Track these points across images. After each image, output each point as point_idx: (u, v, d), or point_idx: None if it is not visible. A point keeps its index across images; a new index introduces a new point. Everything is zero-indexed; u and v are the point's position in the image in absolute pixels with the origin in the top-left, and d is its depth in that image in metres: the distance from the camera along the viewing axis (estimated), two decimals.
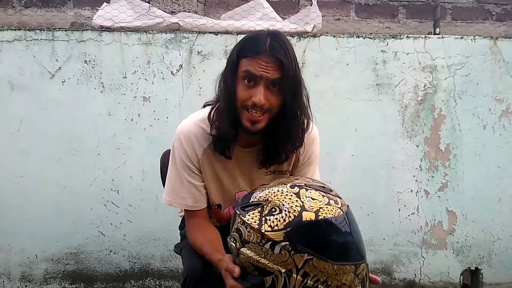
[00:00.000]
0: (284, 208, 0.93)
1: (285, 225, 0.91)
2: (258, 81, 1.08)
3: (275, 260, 0.91)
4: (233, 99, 1.11)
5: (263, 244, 0.92)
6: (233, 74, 1.12)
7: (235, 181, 1.27)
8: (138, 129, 2.15)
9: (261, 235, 0.92)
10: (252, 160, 1.24)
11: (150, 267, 2.21)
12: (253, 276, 0.95)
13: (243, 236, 0.96)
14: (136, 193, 2.17)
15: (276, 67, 1.07)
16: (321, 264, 0.90)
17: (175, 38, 2.15)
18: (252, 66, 1.07)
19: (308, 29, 2.22)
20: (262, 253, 0.92)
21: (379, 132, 2.24)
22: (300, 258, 0.90)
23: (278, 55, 1.06)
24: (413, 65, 2.24)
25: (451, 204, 2.28)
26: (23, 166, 2.13)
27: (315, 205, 0.93)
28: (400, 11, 2.51)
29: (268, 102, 1.09)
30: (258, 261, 0.93)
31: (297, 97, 1.13)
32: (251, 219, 0.95)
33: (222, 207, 1.34)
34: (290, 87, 1.09)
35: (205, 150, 1.22)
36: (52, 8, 2.37)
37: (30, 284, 2.18)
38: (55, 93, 2.12)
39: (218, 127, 1.16)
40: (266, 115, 1.11)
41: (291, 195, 0.95)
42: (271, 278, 0.92)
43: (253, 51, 1.08)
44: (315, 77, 2.20)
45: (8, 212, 2.14)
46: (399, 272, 2.29)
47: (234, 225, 1.01)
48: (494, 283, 2.30)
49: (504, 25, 2.54)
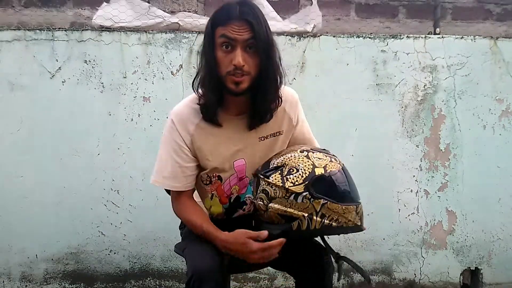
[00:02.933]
0: (300, 168, 1.19)
1: (303, 179, 1.17)
2: (235, 44, 1.19)
3: (298, 208, 1.17)
4: (214, 66, 1.22)
5: (288, 197, 1.18)
6: (211, 44, 1.23)
7: (231, 150, 1.34)
8: (138, 129, 2.15)
9: (286, 190, 1.18)
10: (243, 127, 1.33)
11: (150, 267, 2.21)
12: (280, 224, 1.20)
13: (269, 194, 1.20)
14: (136, 193, 2.17)
15: (248, 28, 1.18)
16: (333, 206, 1.17)
17: (175, 38, 2.15)
18: (226, 31, 1.19)
19: (308, 29, 2.22)
20: (288, 204, 1.18)
21: (379, 132, 2.25)
22: (317, 203, 1.16)
23: (248, 18, 1.18)
24: (413, 65, 2.24)
25: (451, 204, 2.28)
26: (23, 166, 2.13)
27: (322, 163, 1.20)
28: (400, 11, 2.51)
29: (247, 63, 1.20)
30: (285, 211, 1.18)
31: (271, 57, 1.24)
32: (275, 179, 1.20)
33: (222, 179, 1.37)
34: (263, 48, 1.20)
35: (197, 125, 1.31)
36: (52, 8, 2.37)
37: (30, 284, 2.18)
38: (55, 93, 2.12)
39: (203, 94, 1.27)
40: (247, 76, 1.22)
41: (303, 158, 1.21)
42: (297, 223, 1.18)
43: (225, 18, 1.20)
44: (315, 77, 2.20)
45: (8, 212, 2.14)
46: (399, 272, 2.29)
47: (259, 188, 1.23)
48: (494, 283, 2.31)
49: (504, 25, 2.54)
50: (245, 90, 1.24)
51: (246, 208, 1.43)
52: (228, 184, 1.38)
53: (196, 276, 1.19)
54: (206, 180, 1.39)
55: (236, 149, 1.34)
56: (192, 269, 1.21)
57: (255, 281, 2.24)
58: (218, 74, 1.22)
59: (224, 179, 1.38)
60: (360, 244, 2.26)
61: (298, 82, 2.19)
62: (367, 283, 2.26)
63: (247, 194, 1.41)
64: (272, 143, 1.37)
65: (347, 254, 2.25)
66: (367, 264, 2.28)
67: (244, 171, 1.37)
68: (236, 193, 1.40)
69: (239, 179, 1.39)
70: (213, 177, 1.37)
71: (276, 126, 1.36)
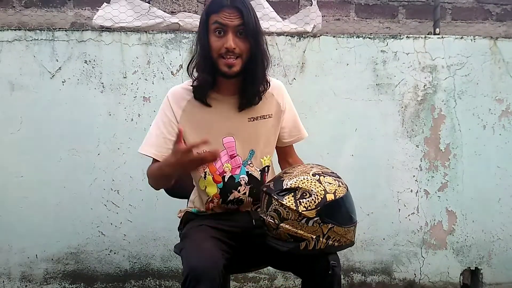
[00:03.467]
0: (313, 193, 1.26)
1: (315, 205, 1.25)
2: (226, 29, 1.31)
3: (308, 230, 1.25)
4: (208, 50, 1.32)
5: (299, 220, 1.25)
6: (205, 30, 1.33)
7: (221, 127, 1.41)
8: (138, 129, 2.15)
9: (298, 214, 1.25)
10: (234, 107, 1.41)
11: (150, 267, 2.21)
12: (288, 242, 1.27)
13: (282, 215, 1.27)
14: (136, 193, 2.17)
15: (238, 15, 1.30)
16: (338, 229, 1.27)
17: (175, 38, 2.15)
18: (219, 17, 1.30)
19: (308, 29, 2.22)
20: (299, 226, 1.25)
21: (379, 132, 2.25)
22: (326, 227, 1.25)
23: (238, 5, 1.30)
24: (413, 65, 2.24)
25: (451, 204, 2.28)
26: (23, 166, 2.13)
27: (332, 188, 1.28)
28: (400, 11, 2.51)
29: (238, 47, 1.31)
30: (296, 232, 1.26)
31: (259, 42, 1.35)
32: (288, 202, 1.26)
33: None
34: (252, 33, 1.32)
35: (189, 101, 1.41)
36: (52, 8, 2.37)
37: (30, 284, 2.18)
38: (55, 93, 2.12)
39: (197, 76, 1.37)
40: (239, 59, 1.32)
41: (315, 182, 1.28)
42: (304, 243, 1.26)
43: (218, 6, 1.31)
44: (315, 77, 2.20)
45: (8, 212, 2.14)
46: (399, 272, 2.29)
47: (271, 206, 1.29)
48: (494, 283, 2.31)
49: (504, 25, 2.54)
50: (237, 73, 1.33)
51: (241, 189, 1.44)
52: (219, 160, 1.41)
53: (192, 276, 1.18)
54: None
55: (225, 127, 1.41)
56: (188, 269, 1.21)
57: (255, 281, 2.24)
58: (212, 58, 1.32)
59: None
60: (360, 244, 2.26)
61: (298, 82, 2.19)
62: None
63: (241, 175, 1.44)
64: (261, 125, 1.44)
65: (347, 254, 2.25)
66: (367, 264, 2.28)
67: (234, 148, 1.42)
68: (229, 172, 1.42)
69: (230, 157, 1.42)
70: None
71: (265, 109, 1.44)
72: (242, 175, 1.43)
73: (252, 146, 1.44)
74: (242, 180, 1.43)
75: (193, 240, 1.33)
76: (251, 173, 1.45)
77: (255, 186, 1.45)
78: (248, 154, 1.44)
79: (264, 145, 1.46)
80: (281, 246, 1.29)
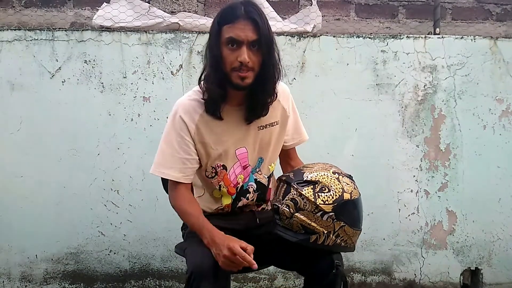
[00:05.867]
0: (332, 189, 1.28)
1: (333, 200, 1.27)
2: (240, 43, 1.25)
3: (321, 224, 1.27)
4: (220, 63, 1.28)
5: (315, 212, 1.27)
6: (217, 41, 1.28)
7: (233, 138, 1.39)
8: (138, 129, 2.15)
9: (316, 206, 1.26)
10: (242, 117, 1.38)
11: (150, 267, 2.21)
12: (299, 234, 1.29)
13: (298, 205, 1.28)
14: (136, 193, 2.17)
15: (253, 28, 1.25)
16: (348, 229, 1.30)
17: (175, 38, 2.15)
18: (233, 31, 1.25)
19: (308, 29, 2.22)
20: (314, 218, 1.27)
21: (379, 132, 2.25)
22: (338, 224, 1.28)
23: (254, 16, 1.25)
24: (413, 65, 2.24)
25: (451, 204, 2.28)
26: (23, 166, 2.13)
27: (349, 188, 1.32)
28: (400, 11, 2.51)
29: (251, 60, 1.26)
30: (309, 224, 1.27)
31: (272, 55, 1.31)
32: (307, 193, 1.27)
33: (227, 168, 1.41)
34: (266, 46, 1.28)
35: (201, 115, 1.36)
36: (52, 8, 2.37)
37: (30, 284, 2.18)
38: (55, 93, 2.12)
39: (208, 89, 1.32)
40: (251, 72, 1.28)
41: (335, 179, 1.31)
42: (315, 236, 1.28)
43: (232, 17, 1.26)
44: (315, 77, 2.20)
45: (8, 212, 2.14)
46: (399, 272, 2.29)
47: (288, 195, 1.30)
48: (494, 283, 2.31)
49: (504, 25, 2.54)
50: (250, 85, 1.30)
51: (249, 196, 1.45)
52: (233, 173, 1.41)
53: (196, 273, 1.20)
54: (212, 173, 1.41)
55: (237, 138, 1.39)
56: (192, 267, 1.22)
57: (255, 281, 2.24)
58: (224, 70, 1.28)
59: (229, 168, 1.41)
60: (360, 244, 2.26)
61: (298, 82, 2.19)
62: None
63: (250, 182, 1.44)
64: (270, 133, 1.43)
65: (348, 254, 2.24)
66: (367, 264, 2.28)
67: (246, 159, 1.42)
68: (241, 182, 1.43)
69: (243, 168, 1.42)
70: (218, 167, 1.40)
71: (273, 116, 1.43)
72: (251, 183, 1.45)
73: (262, 154, 1.44)
74: (251, 187, 1.45)
75: (198, 240, 1.33)
76: (259, 180, 1.46)
77: (262, 193, 1.48)
78: (257, 162, 1.45)
79: (272, 152, 1.47)
80: (291, 237, 1.29)
